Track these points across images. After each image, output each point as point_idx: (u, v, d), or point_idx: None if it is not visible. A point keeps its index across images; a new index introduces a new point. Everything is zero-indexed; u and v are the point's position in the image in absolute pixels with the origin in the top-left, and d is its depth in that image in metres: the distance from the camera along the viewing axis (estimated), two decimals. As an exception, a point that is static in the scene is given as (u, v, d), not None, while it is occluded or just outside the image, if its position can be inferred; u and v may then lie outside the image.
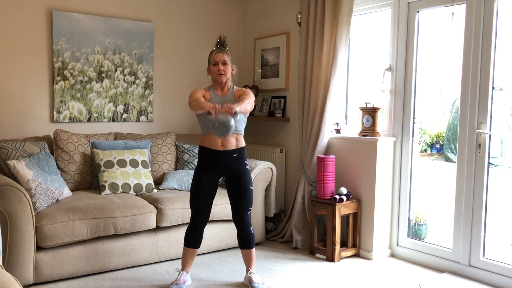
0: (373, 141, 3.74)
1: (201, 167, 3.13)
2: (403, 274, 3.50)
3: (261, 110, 4.82)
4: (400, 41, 3.75)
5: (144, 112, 4.59)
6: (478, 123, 3.32)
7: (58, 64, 4.08)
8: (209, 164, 3.11)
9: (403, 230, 3.86)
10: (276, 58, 4.71)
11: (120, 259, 3.41)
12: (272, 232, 4.45)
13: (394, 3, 3.77)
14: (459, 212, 3.45)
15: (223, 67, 3.09)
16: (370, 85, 4.13)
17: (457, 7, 3.39)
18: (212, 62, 3.10)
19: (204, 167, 3.12)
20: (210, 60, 3.13)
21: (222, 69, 3.08)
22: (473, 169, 3.36)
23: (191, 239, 3.16)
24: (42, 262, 3.11)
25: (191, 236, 3.16)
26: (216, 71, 3.09)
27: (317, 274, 3.48)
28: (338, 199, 3.72)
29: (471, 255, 3.40)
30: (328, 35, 3.90)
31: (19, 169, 3.18)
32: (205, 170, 3.11)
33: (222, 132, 2.77)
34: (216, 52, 3.10)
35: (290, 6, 4.53)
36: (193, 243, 3.16)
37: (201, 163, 3.14)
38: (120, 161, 3.84)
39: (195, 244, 3.17)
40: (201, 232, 3.18)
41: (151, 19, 4.60)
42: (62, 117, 4.15)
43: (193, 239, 3.16)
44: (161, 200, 3.61)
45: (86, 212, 3.26)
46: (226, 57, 3.10)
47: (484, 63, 3.26)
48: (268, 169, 4.11)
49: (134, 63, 4.49)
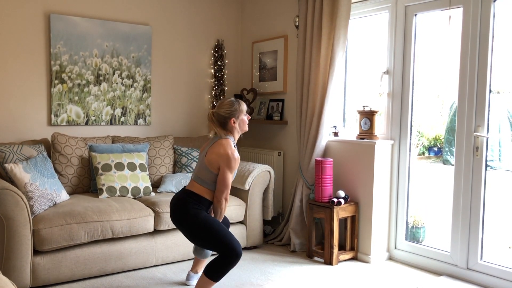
0: (371, 144, 3.75)
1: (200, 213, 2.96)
2: (401, 277, 3.50)
3: (259, 113, 4.83)
4: (397, 44, 3.76)
5: (142, 115, 4.59)
6: (475, 126, 3.33)
7: (56, 67, 4.08)
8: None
9: (401, 233, 3.86)
10: (274, 61, 4.72)
11: (117, 262, 3.40)
12: (270, 236, 4.44)
13: (392, 6, 3.78)
14: (457, 215, 3.45)
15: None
16: (367, 88, 4.14)
17: (454, 10, 3.40)
18: (244, 112, 3.02)
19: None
20: (241, 109, 3.00)
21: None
22: (470, 172, 3.36)
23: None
24: (40, 266, 3.10)
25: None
26: (247, 120, 3.06)
27: (315, 277, 3.47)
28: (336, 202, 3.72)
29: (469, 258, 3.40)
30: (326, 38, 3.91)
31: (16, 173, 3.18)
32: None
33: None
34: (243, 103, 3.04)
35: (288, 9, 4.54)
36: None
37: (201, 211, 2.97)
38: (118, 164, 3.83)
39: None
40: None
41: (149, 22, 4.60)
42: (60, 120, 4.15)
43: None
44: (159, 203, 3.60)
45: (84, 215, 3.25)
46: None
47: (481, 66, 3.27)
48: (266, 172, 4.11)
49: (132, 66, 4.49)
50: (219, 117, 2.97)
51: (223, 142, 2.93)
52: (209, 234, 2.85)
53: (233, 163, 2.91)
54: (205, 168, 2.94)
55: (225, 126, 2.99)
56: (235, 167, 2.93)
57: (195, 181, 2.98)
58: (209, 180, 2.94)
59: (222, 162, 2.89)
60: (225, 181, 2.91)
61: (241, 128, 3.04)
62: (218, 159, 2.89)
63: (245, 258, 3.85)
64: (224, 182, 2.91)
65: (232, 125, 2.98)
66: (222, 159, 2.89)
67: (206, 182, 2.94)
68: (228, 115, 2.96)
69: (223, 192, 2.92)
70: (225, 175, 2.90)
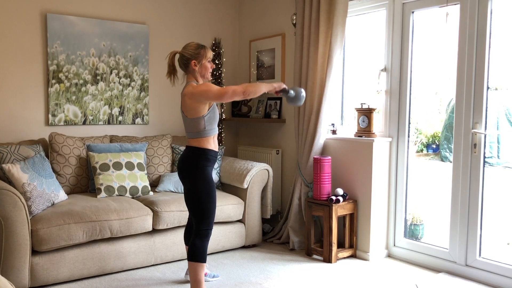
0: (369, 141, 3.75)
1: (209, 173, 2.95)
2: (400, 274, 3.50)
3: (257, 112, 4.82)
4: (395, 41, 3.76)
5: (139, 115, 4.58)
6: (473, 123, 3.33)
7: (53, 67, 4.07)
8: (212, 169, 3.00)
9: (399, 230, 3.86)
10: (272, 60, 4.71)
11: (116, 262, 3.40)
12: (268, 234, 4.45)
13: (389, 4, 3.77)
14: (456, 212, 3.46)
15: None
16: (365, 86, 4.14)
17: (451, 7, 3.40)
18: (208, 59, 2.98)
19: (211, 173, 2.98)
20: (203, 55, 2.96)
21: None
22: (469, 169, 3.37)
23: (207, 251, 2.97)
24: (38, 266, 3.09)
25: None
26: (210, 68, 3.03)
27: (314, 275, 3.48)
28: (335, 200, 3.72)
29: (467, 255, 3.41)
30: (323, 36, 3.90)
31: (14, 173, 3.17)
32: (212, 175, 2.98)
33: (301, 101, 3.00)
34: (210, 49, 3.02)
35: (285, 7, 4.54)
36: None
37: (210, 168, 2.96)
38: (116, 163, 3.83)
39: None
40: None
41: (146, 21, 4.59)
42: (57, 120, 4.14)
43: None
44: (157, 202, 3.60)
45: (82, 215, 3.24)
46: None
47: (478, 63, 3.27)
48: (264, 171, 4.11)
49: (129, 65, 4.48)
50: (182, 58, 2.97)
51: (187, 87, 2.91)
52: (201, 200, 2.88)
53: (203, 88, 2.85)
54: (188, 120, 2.91)
55: (186, 68, 2.97)
56: (207, 89, 2.84)
57: (189, 137, 2.95)
58: (199, 129, 2.89)
59: (196, 97, 2.84)
60: (215, 92, 2.80)
61: (202, 73, 2.98)
62: (191, 101, 2.85)
63: (244, 256, 3.85)
64: (215, 93, 2.80)
65: (192, 67, 2.94)
66: (194, 96, 2.84)
67: (198, 132, 2.90)
68: (190, 56, 2.94)
69: (223, 95, 2.80)
70: (209, 94, 2.81)
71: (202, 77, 3.00)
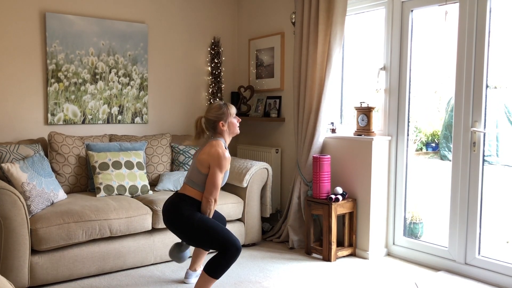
0: (368, 140, 3.75)
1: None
2: (400, 273, 3.51)
3: (256, 111, 4.82)
4: (394, 40, 3.76)
5: (139, 114, 4.58)
6: (472, 122, 3.33)
7: (52, 66, 4.07)
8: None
9: (399, 229, 3.87)
10: (271, 59, 4.71)
11: (116, 261, 3.40)
12: (268, 233, 4.45)
13: (388, 2, 3.77)
14: (455, 210, 3.46)
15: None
16: (364, 85, 4.14)
17: (451, 6, 3.40)
18: (233, 115, 3.03)
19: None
20: (229, 112, 3.00)
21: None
22: (468, 167, 3.37)
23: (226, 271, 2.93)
24: (37, 265, 3.09)
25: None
26: (237, 122, 3.07)
27: (313, 274, 3.48)
28: (334, 199, 3.72)
29: (466, 253, 3.41)
30: (323, 35, 3.90)
31: (13, 172, 3.17)
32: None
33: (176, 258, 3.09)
34: (232, 106, 3.04)
35: (284, 6, 4.53)
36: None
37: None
38: (115, 163, 3.83)
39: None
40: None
41: (145, 20, 4.59)
42: (57, 119, 4.14)
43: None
44: (157, 201, 3.60)
45: (82, 214, 3.24)
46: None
47: (477, 62, 3.27)
48: (263, 170, 4.11)
49: (129, 64, 4.48)
50: (208, 121, 3.00)
51: (214, 143, 2.93)
52: (206, 233, 2.84)
53: (224, 162, 2.89)
54: (196, 170, 2.94)
55: (215, 130, 3.01)
56: (225, 166, 2.91)
57: (187, 184, 2.98)
58: (200, 182, 2.93)
59: (212, 161, 2.87)
60: (214, 181, 2.88)
61: (231, 130, 3.05)
62: (208, 159, 2.89)
63: (244, 255, 3.86)
64: (213, 181, 2.88)
65: (221, 128, 2.99)
66: (213, 158, 2.88)
67: (198, 185, 2.93)
68: (217, 119, 2.97)
69: (211, 192, 2.89)
70: (215, 175, 2.88)
71: (232, 134, 3.07)
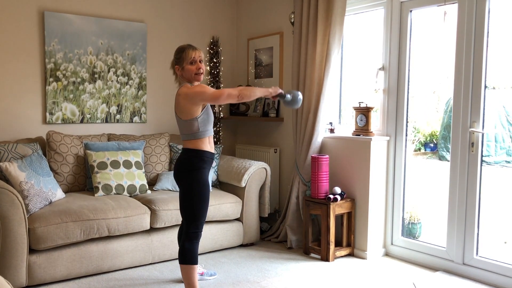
0: (367, 140, 3.75)
1: (205, 175, 2.89)
2: (398, 273, 3.51)
3: (255, 110, 4.82)
4: (393, 40, 3.76)
5: (137, 113, 4.57)
6: (471, 122, 3.34)
7: (50, 65, 4.06)
8: (209, 171, 2.96)
9: (397, 229, 3.87)
10: (270, 58, 4.71)
11: (114, 260, 3.40)
12: (266, 232, 4.45)
13: (387, 2, 3.77)
14: (453, 210, 3.46)
15: (201, 65, 2.86)
16: (363, 85, 4.14)
17: (449, 6, 3.40)
18: (189, 60, 2.81)
19: (207, 175, 2.93)
20: (183, 57, 2.82)
21: (201, 68, 2.86)
22: (466, 167, 3.37)
23: (197, 253, 2.92)
24: (35, 264, 3.09)
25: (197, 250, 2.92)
26: (195, 70, 2.83)
27: (311, 273, 3.48)
28: (332, 199, 3.72)
29: (464, 254, 3.41)
30: (321, 35, 3.90)
31: (11, 171, 3.16)
32: (207, 178, 2.94)
33: (298, 104, 2.96)
34: (192, 49, 2.83)
35: (283, 6, 4.53)
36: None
37: (206, 171, 2.89)
38: (114, 162, 3.82)
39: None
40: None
41: (144, 19, 4.59)
42: (55, 119, 4.13)
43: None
44: (155, 201, 3.60)
45: (80, 213, 3.24)
46: (202, 54, 2.89)
47: (476, 62, 3.28)
48: (262, 169, 4.11)
49: (127, 63, 4.47)
50: (171, 64, 2.93)
51: (181, 88, 2.83)
52: (193, 202, 2.84)
53: (196, 88, 2.77)
54: (182, 123, 2.84)
55: (175, 74, 2.92)
56: (202, 90, 2.75)
57: (184, 139, 2.89)
58: (193, 131, 2.82)
59: (190, 98, 2.76)
60: (210, 94, 2.72)
61: (187, 77, 2.85)
62: (185, 102, 2.77)
63: (242, 255, 3.86)
64: (210, 95, 2.73)
65: (177, 72, 2.87)
66: (188, 96, 2.75)
67: (192, 133, 2.83)
68: (174, 62, 2.89)
69: (218, 97, 2.73)
70: (205, 93, 2.73)
71: (189, 81, 2.86)
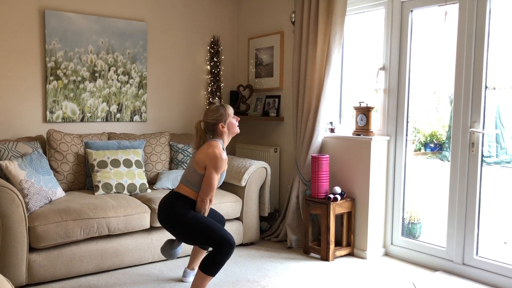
0: (367, 140, 3.75)
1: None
2: (397, 272, 3.51)
3: (255, 110, 4.82)
4: (393, 40, 3.76)
5: (137, 112, 4.57)
6: (471, 122, 3.34)
7: (51, 63, 4.06)
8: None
9: (397, 229, 3.87)
10: (270, 58, 4.71)
11: (114, 259, 3.40)
12: (266, 232, 4.45)
13: (388, 2, 3.77)
14: (453, 211, 3.47)
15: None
16: (364, 85, 4.14)
17: (450, 6, 3.40)
18: (231, 115, 3.03)
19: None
20: (226, 114, 3.00)
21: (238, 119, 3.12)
22: (466, 168, 3.37)
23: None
24: (35, 263, 3.09)
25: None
26: (236, 121, 3.07)
27: (311, 273, 3.48)
28: (332, 198, 3.72)
29: (464, 254, 3.42)
30: (322, 34, 3.90)
31: (12, 170, 3.16)
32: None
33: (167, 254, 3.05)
34: (229, 106, 3.05)
35: (284, 5, 4.53)
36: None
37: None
38: (114, 161, 3.82)
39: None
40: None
41: (145, 18, 4.58)
42: (55, 117, 4.13)
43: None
44: (155, 200, 3.59)
45: (80, 212, 3.24)
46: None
47: (477, 62, 3.28)
48: (262, 169, 4.11)
49: (128, 62, 4.47)
50: (207, 124, 2.99)
51: (212, 143, 2.94)
52: (200, 230, 2.84)
53: (220, 163, 2.88)
54: (192, 169, 2.93)
55: (214, 132, 3.01)
56: (222, 167, 2.90)
57: (183, 183, 2.97)
58: (196, 182, 2.93)
59: (209, 161, 2.87)
60: (210, 182, 2.87)
61: (231, 131, 3.06)
62: (205, 159, 2.88)
63: (242, 254, 3.86)
64: (209, 182, 2.87)
65: (221, 130, 2.99)
66: (209, 158, 2.87)
67: (193, 185, 2.93)
68: (216, 121, 2.98)
69: (207, 193, 2.89)
70: (211, 176, 2.87)
71: (231, 134, 3.07)
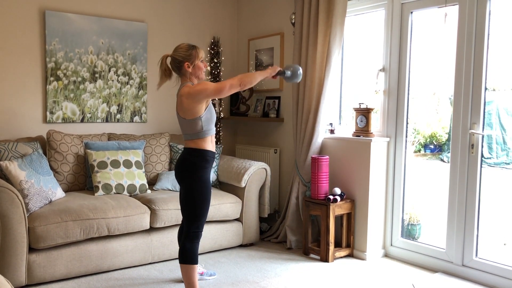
0: (367, 141, 3.75)
1: (207, 175, 2.91)
2: (397, 274, 3.51)
3: (256, 111, 4.82)
4: (393, 41, 3.76)
5: (138, 113, 4.58)
6: (471, 124, 3.34)
7: (51, 64, 4.06)
8: (210, 170, 2.97)
9: (396, 230, 3.87)
10: (270, 59, 4.71)
11: (113, 260, 3.40)
12: (266, 233, 4.45)
13: (388, 4, 3.78)
14: (452, 212, 3.47)
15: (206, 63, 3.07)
16: (364, 86, 4.14)
17: (450, 8, 3.40)
18: (200, 58, 2.94)
19: (209, 175, 2.95)
20: (195, 56, 2.92)
21: (207, 66, 3.06)
22: (466, 169, 3.37)
23: (197, 253, 2.94)
24: (35, 263, 3.09)
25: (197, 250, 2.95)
26: (204, 67, 2.99)
27: (311, 274, 3.48)
28: (332, 200, 3.72)
29: (464, 255, 3.42)
30: (322, 35, 3.91)
31: (12, 170, 3.16)
32: (209, 177, 2.96)
33: (299, 78, 3.07)
34: (201, 49, 2.99)
35: (284, 6, 4.54)
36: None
37: (208, 170, 2.91)
38: (114, 161, 3.82)
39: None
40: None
41: (145, 19, 4.59)
42: (55, 118, 4.13)
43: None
44: (155, 200, 3.60)
45: (79, 213, 3.24)
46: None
47: (477, 64, 3.28)
48: (262, 170, 4.11)
49: (128, 63, 4.47)
50: (174, 61, 2.93)
51: (183, 88, 2.88)
52: (194, 202, 2.86)
53: (199, 87, 2.81)
54: (186, 122, 2.86)
55: (179, 70, 2.94)
56: (202, 87, 2.81)
57: (187, 139, 2.91)
58: (197, 130, 2.85)
59: (194, 97, 2.80)
60: (213, 89, 2.78)
61: (196, 74, 2.94)
62: (188, 101, 2.81)
63: (241, 255, 3.86)
64: (213, 90, 2.78)
65: (186, 69, 2.90)
66: (191, 95, 2.80)
67: (196, 133, 2.86)
68: (183, 59, 2.91)
69: (221, 90, 2.78)
70: (207, 92, 2.78)
71: (196, 77, 2.96)
